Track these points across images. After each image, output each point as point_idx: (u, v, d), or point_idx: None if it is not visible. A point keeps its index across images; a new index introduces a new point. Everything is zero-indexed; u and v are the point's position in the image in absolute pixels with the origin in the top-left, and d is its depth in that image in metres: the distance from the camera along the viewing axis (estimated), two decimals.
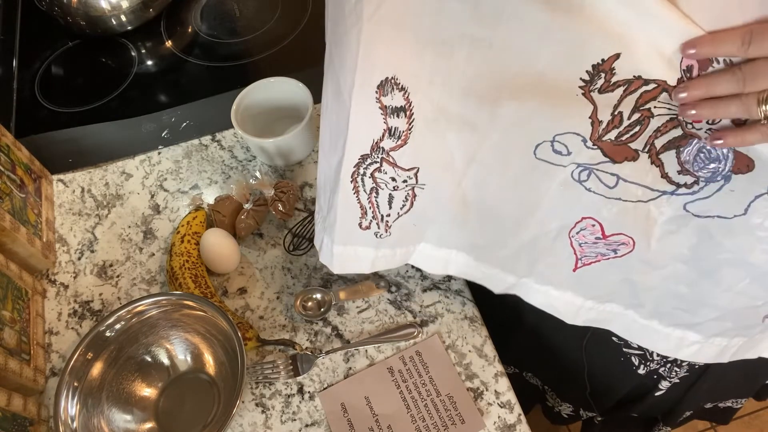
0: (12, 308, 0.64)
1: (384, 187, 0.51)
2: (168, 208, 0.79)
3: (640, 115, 0.40)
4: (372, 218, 0.54)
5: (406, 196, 0.52)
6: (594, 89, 0.40)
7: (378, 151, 0.49)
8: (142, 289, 0.72)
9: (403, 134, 0.47)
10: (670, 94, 0.39)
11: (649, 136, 0.41)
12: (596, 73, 0.39)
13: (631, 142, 0.42)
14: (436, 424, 0.62)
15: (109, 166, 0.83)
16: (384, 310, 0.69)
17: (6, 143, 0.71)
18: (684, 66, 0.37)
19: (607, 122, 0.42)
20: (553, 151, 0.45)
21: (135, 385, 0.65)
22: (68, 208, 0.80)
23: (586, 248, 0.51)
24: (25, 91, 0.95)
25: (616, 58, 0.38)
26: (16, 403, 0.58)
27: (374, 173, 0.50)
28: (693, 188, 0.43)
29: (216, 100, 0.89)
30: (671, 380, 0.69)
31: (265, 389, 0.65)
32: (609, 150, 0.43)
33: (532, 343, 0.77)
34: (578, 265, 0.53)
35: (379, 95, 0.45)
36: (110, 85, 0.95)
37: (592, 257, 0.52)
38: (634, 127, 0.41)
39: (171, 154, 0.83)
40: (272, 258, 0.74)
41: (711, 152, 0.40)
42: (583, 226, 0.49)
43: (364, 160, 0.50)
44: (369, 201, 0.53)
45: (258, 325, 0.69)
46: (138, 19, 0.99)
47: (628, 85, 0.39)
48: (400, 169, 0.50)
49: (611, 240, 0.49)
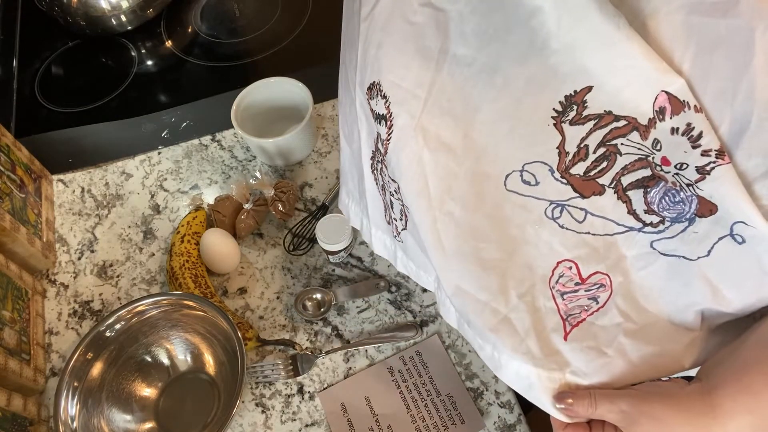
0: (12, 308, 0.64)
1: (387, 187, 0.51)
2: (168, 208, 0.79)
3: (605, 150, 0.41)
4: (389, 216, 0.53)
5: (402, 211, 0.50)
6: (565, 120, 0.41)
7: (377, 151, 0.49)
8: (142, 289, 0.72)
9: (385, 143, 0.47)
10: (640, 133, 0.39)
11: (616, 172, 0.42)
12: (569, 104, 0.40)
13: (599, 177, 0.42)
14: (436, 424, 0.62)
15: (109, 166, 0.83)
16: (384, 310, 0.69)
17: (6, 143, 0.71)
18: (657, 107, 0.37)
19: (573, 154, 0.42)
20: (522, 181, 0.45)
21: (135, 385, 0.65)
22: (68, 208, 0.80)
23: (569, 302, 0.47)
24: (25, 91, 0.95)
25: (588, 90, 0.39)
26: (16, 403, 0.58)
27: (379, 171, 0.50)
28: (659, 227, 0.43)
29: (216, 100, 0.89)
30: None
31: (265, 389, 0.65)
32: (578, 185, 0.43)
33: None
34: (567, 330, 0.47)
35: (368, 98, 0.45)
36: (110, 85, 0.95)
37: (576, 314, 0.47)
38: (600, 162, 0.42)
39: (171, 154, 0.84)
40: (272, 258, 0.74)
41: (676, 195, 0.40)
42: (560, 272, 0.46)
43: (374, 155, 0.50)
44: (382, 195, 0.53)
45: (258, 325, 0.69)
46: (138, 19, 0.99)
47: (598, 119, 0.40)
48: (390, 179, 0.48)
49: (590, 282, 0.46)
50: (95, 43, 1.01)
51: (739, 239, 0.38)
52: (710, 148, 0.37)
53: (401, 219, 0.51)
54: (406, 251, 0.54)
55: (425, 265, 0.53)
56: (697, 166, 0.38)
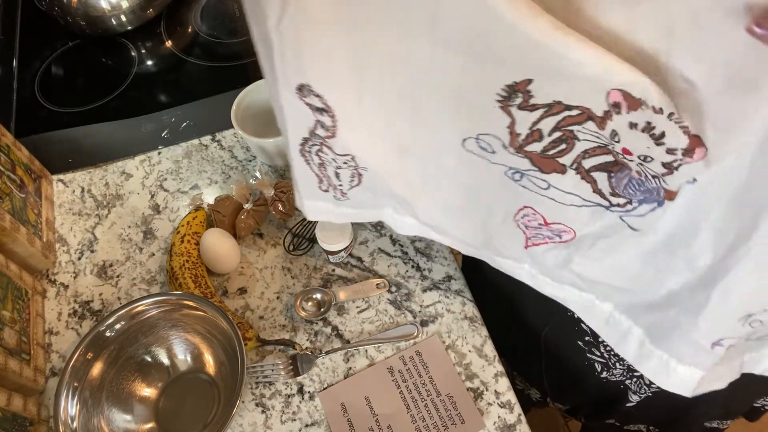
0: (12, 308, 0.64)
1: (329, 164, 0.53)
2: (168, 208, 0.79)
3: (561, 134, 0.40)
4: (328, 185, 0.56)
5: (353, 174, 0.54)
6: (512, 104, 0.39)
7: (315, 137, 0.49)
8: (142, 289, 0.72)
9: (331, 129, 0.47)
10: (596, 123, 0.37)
11: (577, 155, 0.41)
12: (512, 92, 0.38)
13: (558, 157, 0.41)
14: (436, 424, 0.62)
15: (109, 166, 0.83)
16: (384, 310, 0.69)
17: (6, 143, 0.71)
18: (611, 101, 0.35)
19: (526, 135, 0.41)
20: (479, 147, 0.45)
21: (135, 385, 0.65)
22: (68, 208, 0.80)
23: (533, 230, 0.52)
24: (25, 91, 0.95)
25: (528, 82, 0.37)
26: (16, 403, 0.58)
27: (318, 152, 0.52)
28: (627, 207, 0.42)
29: (216, 100, 0.89)
30: (641, 395, 0.69)
31: (265, 389, 0.65)
32: (537, 160, 0.43)
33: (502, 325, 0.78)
34: (528, 244, 0.55)
35: (300, 95, 0.45)
36: (110, 85, 0.95)
37: (540, 239, 0.53)
38: (558, 144, 0.40)
39: (171, 154, 0.83)
40: (272, 258, 0.74)
41: (642, 184, 0.39)
42: (525, 213, 0.50)
43: (306, 141, 0.51)
44: (320, 172, 0.55)
45: (258, 325, 0.69)
46: (138, 19, 0.99)
47: (548, 108, 0.38)
48: (337, 155, 0.51)
49: (553, 227, 0.50)
50: (95, 43, 1.01)
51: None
52: (675, 148, 0.35)
53: (351, 180, 0.55)
54: (353, 204, 0.59)
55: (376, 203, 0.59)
56: (663, 162, 0.36)
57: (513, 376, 0.91)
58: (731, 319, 0.44)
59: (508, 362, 0.89)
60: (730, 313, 0.43)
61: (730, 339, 0.46)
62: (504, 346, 0.85)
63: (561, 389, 0.82)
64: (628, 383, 0.68)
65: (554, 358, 0.74)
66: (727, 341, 0.46)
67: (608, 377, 0.68)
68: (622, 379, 0.68)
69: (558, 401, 0.87)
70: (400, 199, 0.57)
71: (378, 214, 0.61)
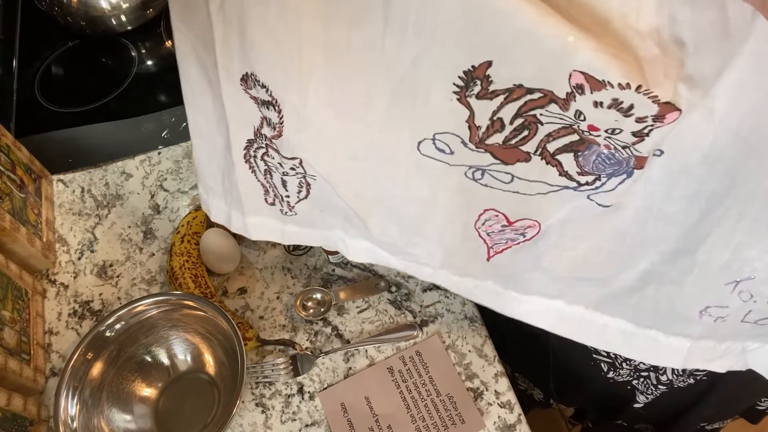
0: (12, 308, 0.64)
1: (275, 170, 0.50)
2: (168, 208, 0.79)
3: (524, 120, 0.38)
4: (274, 196, 0.53)
5: (300, 183, 0.50)
6: (471, 95, 0.37)
7: (261, 137, 0.47)
8: (142, 289, 0.72)
9: (278, 126, 0.45)
10: (559, 105, 0.36)
11: (541, 140, 0.39)
12: (470, 80, 0.36)
13: (522, 145, 0.40)
14: (436, 424, 0.62)
15: (109, 166, 0.83)
16: (384, 310, 0.69)
17: (6, 143, 0.71)
18: (574, 83, 0.34)
19: (487, 127, 0.39)
20: (436, 149, 0.43)
21: (135, 385, 0.65)
22: (68, 208, 0.80)
23: (495, 236, 0.49)
24: (25, 91, 0.95)
25: (488, 65, 0.35)
26: (16, 403, 0.58)
27: (263, 157, 0.49)
28: (595, 184, 0.41)
29: None
30: (648, 395, 0.68)
31: (265, 389, 0.65)
32: (499, 153, 0.41)
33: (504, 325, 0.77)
34: (491, 254, 0.51)
35: (245, 87, 0.43)
36: (110, 85, 0.95)
37: (502, 244, 0.50)
38: (520, 131, 0.39)
39: (171, 154, 0.83)
40: (272, 258, 0.74)
41: (612, 157, 0.38)
42: (486, 217, 0.48)
43: (251, 144, 0.48)
44: (266, 180, 0.52)
45: (258, 325, 0.69)
46: (138, 19, 0.99)
47: (509, 93, 0.36)
48: (284, 158, 0.48)
49: (517, 225, 0.47)
50: (95, 43, 1.01)
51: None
52: (645, 115, 0.34)
53: (299, 191, 0.51)
54: (300, 221, 0.55)
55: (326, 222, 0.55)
56: (633, 131, 0.35)
57: (515, 376, 0.91)
58: (717, 283, 0.43)
59: (511, 362, 0.89)
60: (716, 276, 0.42)
61: (719, 308, 0.45)
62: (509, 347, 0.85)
63: (568, 391, 0.81)
64: (635, 383, 0.68)
65: (561, 360, 0.74)
66: (716, 311, 0.45)
67: (615, 377, 0.68)
68: (629, 379, 0.67)
69: (564, 402, 0.87)
70: (351, 217, 0.52)
71: (327, 236, 0.56)
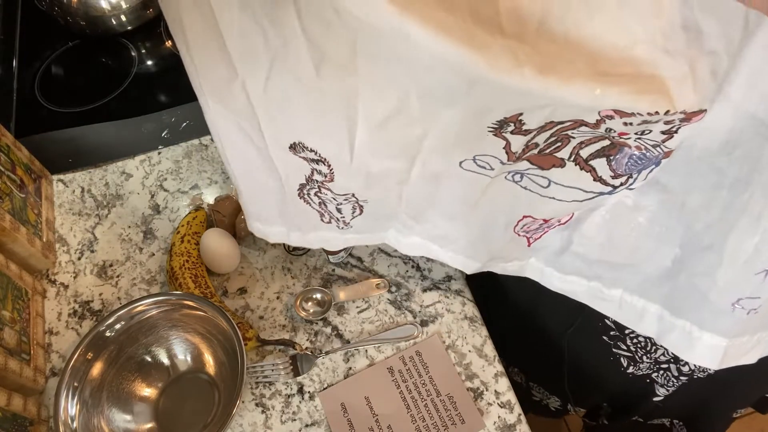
0: (12, 308, 0.64)
1: (330, 202, 0.54)
2: (168, 208, 0.79)
3: (556, 138, 0.41)
4: (330, 218, 0.57)
5: (353, 207, 0.55)
6: (506, 131, 0.40)
7: (313, 182, 0.51)
8: (142, 289, 0.72)
9: (329, 175, 0.49)
10: (590, 127, 0.38)
11: (573, 147, 0.41)
12: (504, 123, 0.39)
13: (556, 152, 0.42)
14: (436, 424, 0.62)
15: (109, 166, 0.83)
16: (384, 310, 0.69)
17: (6, 143, 0.71)
18: (603, 115, 0.36)
19: (522, 149, 0.42)
20: (477, 166, 0.46)
21: (135, 385, 0.65)
22: (68, 208, 0.80)
23: (533, 232, 0.54)
24: (25, 91, 0.95)
25: (520, 115, 0.38)
26: (16, 403, 0.58)
27: (317, 194, 0.53)
28: (628, 182, 0.43)
29: None
30: (669, 388, 0.68)
31: (265, 389, 0.65)
32: (535, 160, 0.44)
33: (518, 331, 0.78)
34: (531, 242, 0.55)
35: (294, 152, 0.47)
36: (110, 85, 0.95)
37: (541, 231, 0.54)
38: (553, 144, 0.41)
39: (171, 154, 0.83)
40: (272, 258, 0.74)
41: (643, 157, 0.40)
42: (524, 222, 0.52)
43: (303, 187, 0.52)
44: (321, 208, 0.56)
45: (258, 325, 0.69)
46: (138, 19, 0.99)
47: (540, 128, 0.39)
48: (337, 195, 0.52)
49: (553, 220, 0.51)
50: (95, 43, 1.01)
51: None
52: (672, 120, 0.36)
53: (353, 212, 0.56)
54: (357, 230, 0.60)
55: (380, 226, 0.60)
56: (662, 130, 0.37)
57: (530, 387, 0.90)
58: (749, 273, 0.44)
59: (524, 373, 0.88)
60: (746, 265, 0.44)
61: (751, 299, 0.46)
62: (521, 356, 0.85)
63: (584, 391, 0.81)
64: (655, 376, 0.68)
65: (577, 359, 0.74)
66: (748, 302, 0.46)
67: (635, 372, 0.68)
68: (648, 372, 0.67)
69: (579, 405, 0.87)
70: (403, 220, 0.57)
71: (382, 237, 0.61)
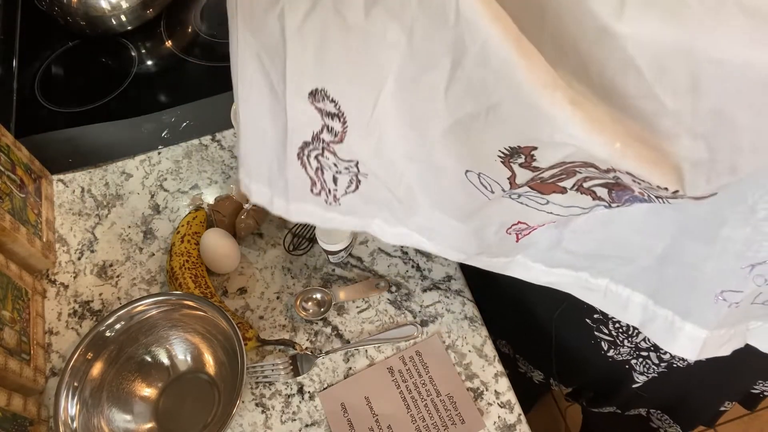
0: (12, 308, 0.64)
1: (328, 168, 0.52)
2: (168, 208, 0.79)
3: (563, 171, 0.40)
4: (321, 188, 0.55)
5: (351, 180, 0.53)
6: (515, 162, 0.40)
7: (318, 141, 0.49)
8: (142, 289, 0.72)
9: (340, 134, 0.47)
10: (599, 170, 0.38)
11: (578, 180, 0.41)
12: (516, 152, 0.39)
13: (559, 182, 0.42)
14: (436, 424, 0.62)
15: (109, 166, 0.83)
16: (384, 310, 0.69)
17: (6, 143, 0.71)
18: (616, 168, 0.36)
19: (526, 181, 0.42)
20: (480, 183, 0.45)
21: (135, 385, 0.65)
22: (68, 208, 0.80)
23: (523, 230, 0.54)
24: (25, 91, 0.95)
25: (533, 149, 0.38)
26: (16, 403, 0.58)
27: (318, 157, 0.51)
28: (626, 204, 0.43)
29: (216, 100, 0.89)
30: (648, 374, 0.69)
31: (265, 389, 0.65)
32: (537, 187, 0.44)
33: (508, 309, 0.78)
34: (519, 238, 0.55)
35: (312, 100, 0.45)
36: (110, 85, 0.95)
37: (530, 229, 0.54)
38: (559, 176, 0.41)
39: (171, 154, 0.83)
40: (272, 258, 0.74)
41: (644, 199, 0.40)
42: (518, 227, 0.52)
43: (307, 145, 0.50)
44: (316, 176, 0.54)
45: (258, 325, 0.69)
46: (138, 19, 0.99)
47: (550, 167, 0.39)
48: (340, 160, 0.50)
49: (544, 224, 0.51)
50: (95, 43, 1.01)
51: None
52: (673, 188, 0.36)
53: (348, 187, 0.54)
54: (342, 210, 0.58)
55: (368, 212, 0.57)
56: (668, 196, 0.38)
57: (516, 359, 0.91)
58: (736, 266, 0.44)
59: (512, 345, 0.89)
60: (736, 258, 0.44)
61: (734, 293, 0.46)
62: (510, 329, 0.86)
63: (568, 371, 0.82)
64: (634, 363, 0.68)
65: (563, 339, 0.74)
66: (730, 295, 0.46)
67: (614, 356, 0.69)
68: (628, 358, 0.68)
69: (563, 383, 0.88)
70: (394, 209, 0.56)
71: (367, 225, 0.59)
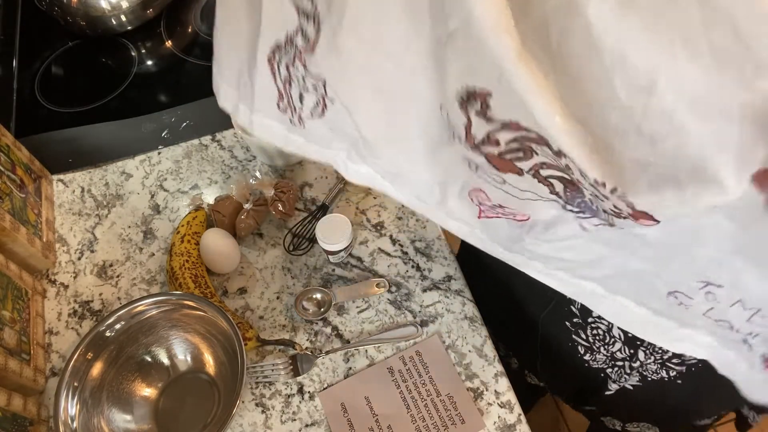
0: (12, 308, 0.64)
1: (296, 81, 0.49)
2: (168, 208, 0.79)
3: (519, 144, 0.38)
4: (287, 105, 0.53)
5: (317, 102, 0.50)
6: (471, 109, 0.38)
7: (291, 45, 0.47)
8: (142, 289, 0.72)
9: (311, 41, 0.44)
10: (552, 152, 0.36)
11: (535, 164, 0.39)
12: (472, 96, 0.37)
13: (516, 162, 0.40)
14: (436, 424, 0.62)
15: (109, 166, 0.83)
16: (384, 310, 0.69)
17: (6, 143, 0.71)
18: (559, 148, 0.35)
19: (483, 139, 0.40)
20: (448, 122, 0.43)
21: (135, 385, 0.65)
22: (68, 208, 0.80)
23: (487, 207, 0.51)
24: (25, 91, 0.95)
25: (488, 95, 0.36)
26: (16, 403, 0.58)
27: (288, 65, 0.48)
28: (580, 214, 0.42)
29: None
30: (620, 384, 0.69)
31: (265, 389, 0.65)
32: (493, 160, 0.41)
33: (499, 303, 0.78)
34: (481, 216, 0.52)
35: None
36: (110, 85, 0.95)
37: (493, 213, 0.51)
38: (516, 152, 0.39)
39: (171, 154, 0.84)
40: (272, 258, 0.74)
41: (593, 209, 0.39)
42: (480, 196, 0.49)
43: (279, 49, 0.48)
44: (284, 88, 0.51)
45: (258, 325, 0.69)
46: (138, 19, 0.99)
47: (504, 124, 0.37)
48: (309, 73, 0.47)
49: (507, 210, 0.48)
50: (95, 43, 1.01)
51: None
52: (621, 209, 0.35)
53: (314, 109, 0.51)
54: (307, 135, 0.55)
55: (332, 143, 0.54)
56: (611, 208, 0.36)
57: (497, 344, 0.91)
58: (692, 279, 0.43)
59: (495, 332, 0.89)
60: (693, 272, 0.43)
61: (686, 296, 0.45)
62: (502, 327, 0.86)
63: (550, 370, 0.83)
64: (609, 372, 0.68)
65: (546, 339, 0.75)
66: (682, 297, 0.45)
67: (590, 362, 0.69)
68: (603, 366, 0.68)
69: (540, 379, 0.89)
70: (358, 145, 0.53)
71: (330, 156, 0.56)
